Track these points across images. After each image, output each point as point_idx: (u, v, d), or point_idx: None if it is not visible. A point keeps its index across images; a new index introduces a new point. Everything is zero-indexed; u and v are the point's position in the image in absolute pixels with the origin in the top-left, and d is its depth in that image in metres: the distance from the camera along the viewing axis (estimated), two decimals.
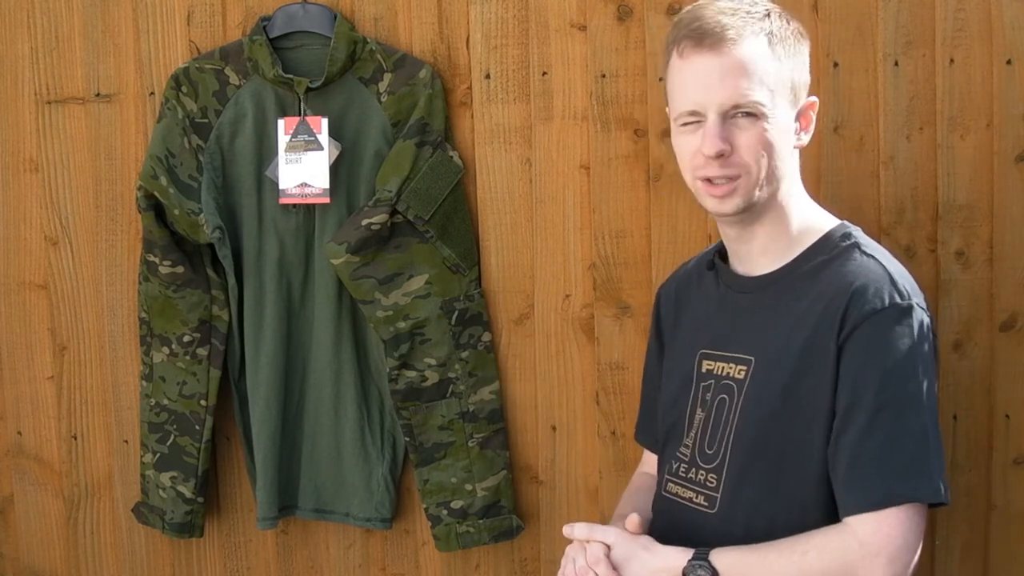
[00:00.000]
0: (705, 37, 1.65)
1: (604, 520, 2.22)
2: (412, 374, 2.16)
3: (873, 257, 1.67)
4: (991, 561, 2.20)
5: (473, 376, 2.17)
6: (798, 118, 1.71)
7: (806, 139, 1.73)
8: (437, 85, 2.14)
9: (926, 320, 1.64)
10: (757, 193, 1.68)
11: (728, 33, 1.65)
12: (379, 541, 2.27)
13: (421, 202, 2.10)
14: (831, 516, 1.64)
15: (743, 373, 1.70)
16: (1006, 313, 2.16)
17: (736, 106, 1.65)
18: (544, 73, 2.16)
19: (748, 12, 1.68)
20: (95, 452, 2.29)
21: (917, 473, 1.59)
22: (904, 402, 1.59)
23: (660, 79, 2.14)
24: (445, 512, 2.19)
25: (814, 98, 1.74)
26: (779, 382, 1.65)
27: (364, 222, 2.09)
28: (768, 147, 1.66)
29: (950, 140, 2.13)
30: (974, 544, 2.20)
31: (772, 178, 1.68)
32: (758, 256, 1.74)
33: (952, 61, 2.11)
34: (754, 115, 1.65)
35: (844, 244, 1.70)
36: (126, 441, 2.27)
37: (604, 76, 2.15)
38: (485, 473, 2.19)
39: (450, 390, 2.17)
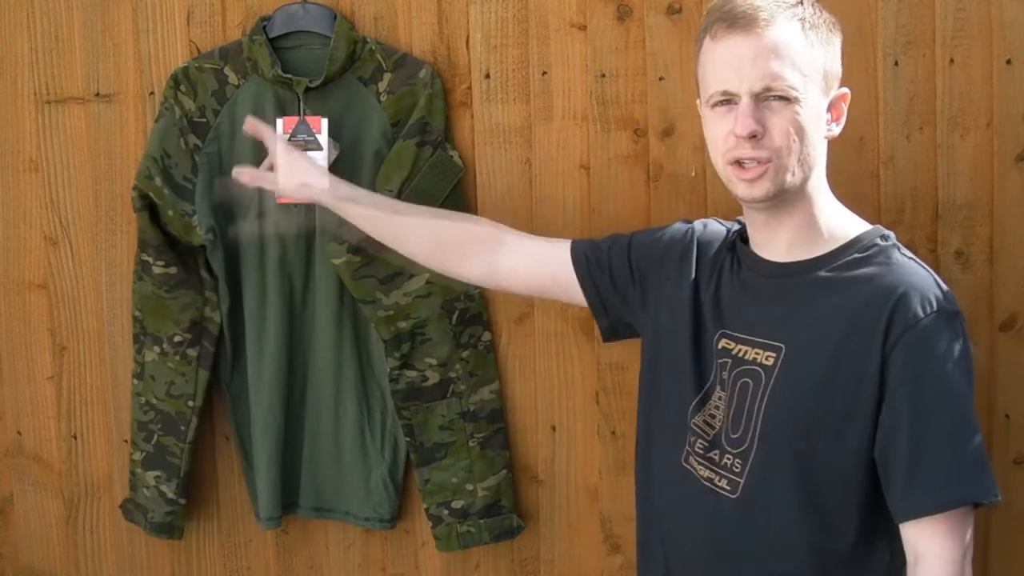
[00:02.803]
0: (738, 19, 1.66)
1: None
2: (413, 374, 2.16)
3: (914, 259, 1.68)
4: (991, 561, 2.20)
5: (473, 376, 2.17)
6: (829, 108, 1.71)
7: (837, 130, 1.73)
8: (437, 85, 2.13)
9: (964, 322, 1.65)
10: (789, 178, 1.67)
11: (761, 15, 1.65)
12: (379, 541, 2.27)
13: (422, 201, 2.10)
14: (855, 514, 1.64)
15: (772, 360, 1.68)
16: (1006, 313, 2.16)
17: (768, 88, 1.65)
18: (544, 73, 2.16)
19: None
20: (95, 452, 2.29)
21: (979, 474, 1.61)
22: (959, 406, 1.60)
23: (660, 79, 2.14)
24: (446, 512, 2.19)
25: (846, 89, 1.73)
26: (813, 375, 1.65)
27: None
28: (800, 131, 1.66)
29: (950, 140, 2.13)
30: (974, 544, 2.19)
31: (804, 164, 1.68)
32: (785, 248, 1.73)
33: (952, 61, 2.11)
34: (786, 98, 1.65)
35: (882, 244, 1.70)
36: (126, 441, 2.27)
37: (604, 76, 2.15)
38: (486, 473, 2.19)
39: (451, 390, 2.17)
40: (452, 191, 2.14)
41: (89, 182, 2.23)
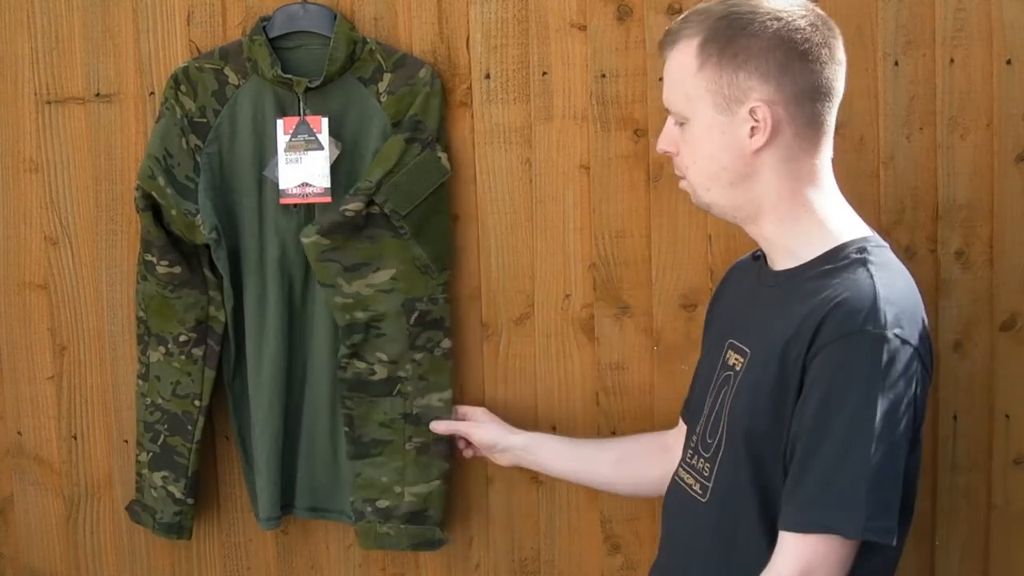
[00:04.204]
0: (662, 39, 1.74)
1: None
2: (362, 366, 2.14)
3: (872, 276, 1.62)
4: (991, 561, 2.20)
5: (424, 380, 2.14)
6: (746, 122, 1.66)
7: (759, 143, 1.66)
8: (437, 85, 2.13)
9: (901, 350, 1.58)
10: (705, 195, 1.72)
11: (668, 38, 1.71)
12: None
13: (399, 197, 2.09)
14: None
15: (740, 365, 1.71)
16: (1006, 313, 2.16)
17: (668, 110, 1.74)
18: (544, 73, 2.16)
19: (707, 13, 1.68)
20: (95, 452, 2.29)
21: (847, 506, 1.56)
22: (858, 431, 1.56)
23: (660, 79, 2.13)
24: (369, 509, 2.16)
25: (754, 103, 1.65)
26: (763, 381, 1.65)
27: (340, 208, 2.08)
28: (695, 151, 1.70)
29: (950, 140, 2.13)
30: (974, 544, 2.20)
31: (717, 181, 1.69)
32: (779, 256, 1.73)
33: (952, 61, 2.11)
34: (680, 121, 1.71)
35: (854, 256, 1.66)
36: (126, 441, 2.27)
37: (604, 76, 2.15)
38: (417, 479, 2.15)
39: (397, 389, 2.15)
40: (434, 192, 2.12)
41: (89, 182, 2.23)
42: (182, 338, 2.16)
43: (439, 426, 2.12)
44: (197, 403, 2.17)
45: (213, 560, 2.29)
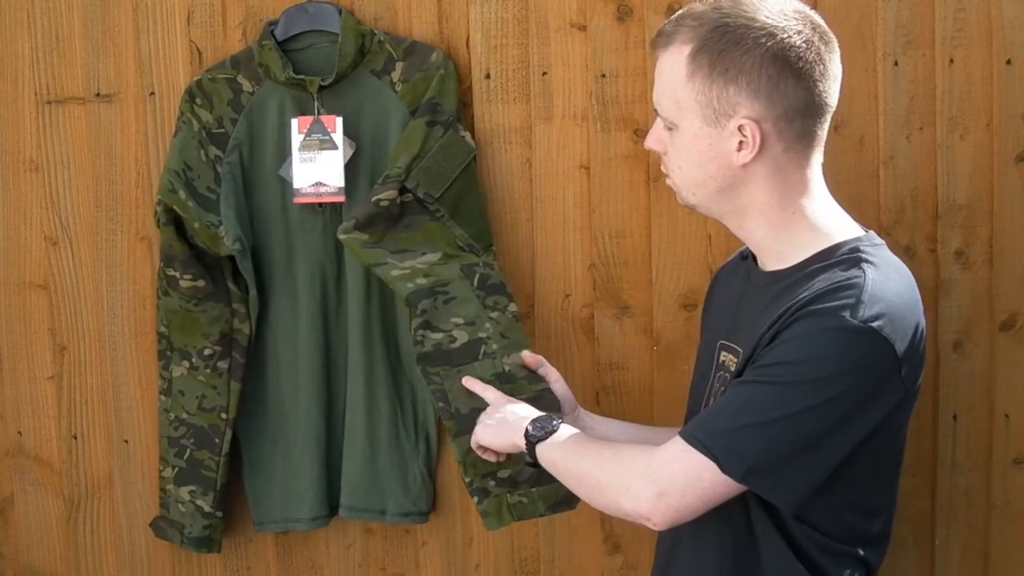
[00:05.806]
0: (655, 37, 1.71)
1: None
2: (438, 335, 2.05)
3: (864, 272, 1.60)
4: (991, 561, 2.20)
5: (505, 338, 2.07)
6: (734, 136, 1.64)
7: (749, 157, 1.64)
8: (450, 66, 2.13)
9: (874, 347, 1.56)
10: (691, 199, 1.71)
11: (663, 38, 1.68)
12: (379, 541, 2.27)
13: (431, 180, 2.08)
14: (776, 529, 1.65)
15: (734, 365, 1.71)
16: (1006, 313, 2.16)
17: (655, 110, 1.72)
18: (544, 73, 2.16)
19: (702, 19, 1.64)
20: (95, 452, 2.29)
21: (738, 440, 1.57)
22: (778, 392, 1.57)
23: None
24: (492, 483, 2.03)
25: (742, 120, 1.62)
26: None
27: (373, 199, 2.07)
28: (681, 157, 1.69)
29: (950, 140, 2.13)
30: (974, 544, 2.20)
31: (703, 188, 1.68)
32: (766, 255, 1.73)
33: (952, 61, 2.12)
34: (668, 126, 1.69)
35: (847, 256, 1.64)
36: (126, 441, 2.27)
37: (604, 76, 2.15)
38: None
39: (482, 351, 2.06)
40: (464, 171, 2.12)
41: (89, 182, 2.23)
42: (207, 352, 2.14)
43: (530, 359, 2.02)
44: (224, 416, 2.16)
45: (213, 560, 2.29)
